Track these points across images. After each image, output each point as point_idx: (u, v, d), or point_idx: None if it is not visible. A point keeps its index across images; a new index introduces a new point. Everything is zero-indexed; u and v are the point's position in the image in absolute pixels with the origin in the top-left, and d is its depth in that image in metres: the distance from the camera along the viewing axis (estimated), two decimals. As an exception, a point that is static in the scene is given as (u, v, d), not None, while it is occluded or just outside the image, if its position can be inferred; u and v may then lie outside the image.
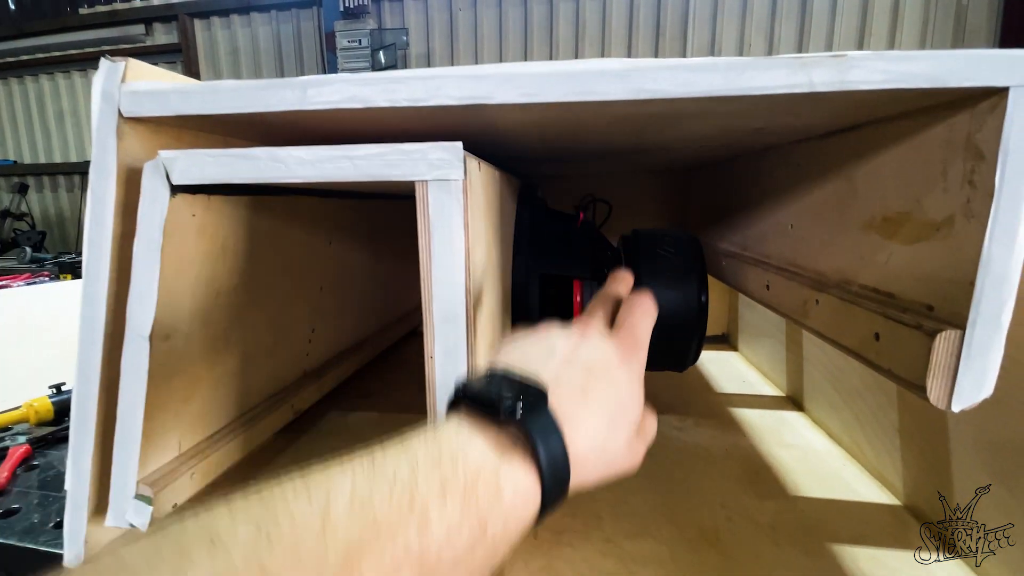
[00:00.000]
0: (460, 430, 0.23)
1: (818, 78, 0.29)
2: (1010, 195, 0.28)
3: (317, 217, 0.61)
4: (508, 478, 0.22)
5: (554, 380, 0.25)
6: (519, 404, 0.23)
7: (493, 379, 0.25)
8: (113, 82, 0.36)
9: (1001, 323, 0.29)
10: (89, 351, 0.40)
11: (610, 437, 0.26)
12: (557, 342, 0.28)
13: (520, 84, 0.31)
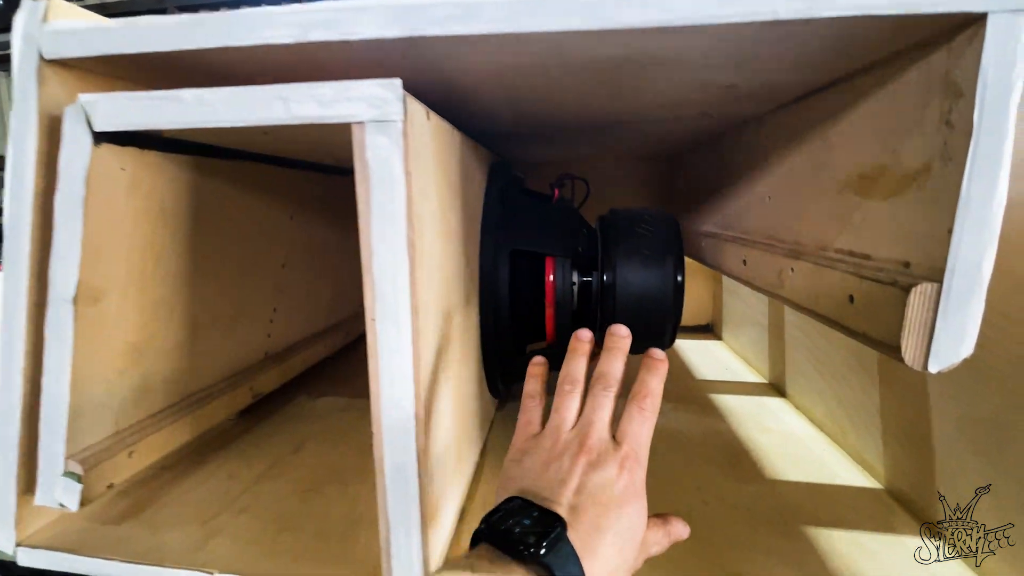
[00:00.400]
0: (493, 568, 0.25)
1: (783, 5, 0.27)
2: (989, 131, 0.26)
3: (275, 187, 0.59)
4: None
5: (570, 511, 0.28)
6: (543, 542, 0.25)
7: (512, 512, 0.27)
8: (34, 22, 0.33)
9: (982, 272, 0.27)
10: (12, 316, 0.37)
11: (621, 564, 0.29)
12: (566, 465, 0.30)
13: (459, 14, 0.29)
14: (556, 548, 0.26)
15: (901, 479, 0.48)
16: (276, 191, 0.59)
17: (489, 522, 0.27)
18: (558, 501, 0.28)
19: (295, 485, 0.51)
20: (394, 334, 0.32)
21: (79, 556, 0.41)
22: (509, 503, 0.28)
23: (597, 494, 0.29)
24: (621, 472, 0.30)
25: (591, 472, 0.30)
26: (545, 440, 0.32)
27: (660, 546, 0.33)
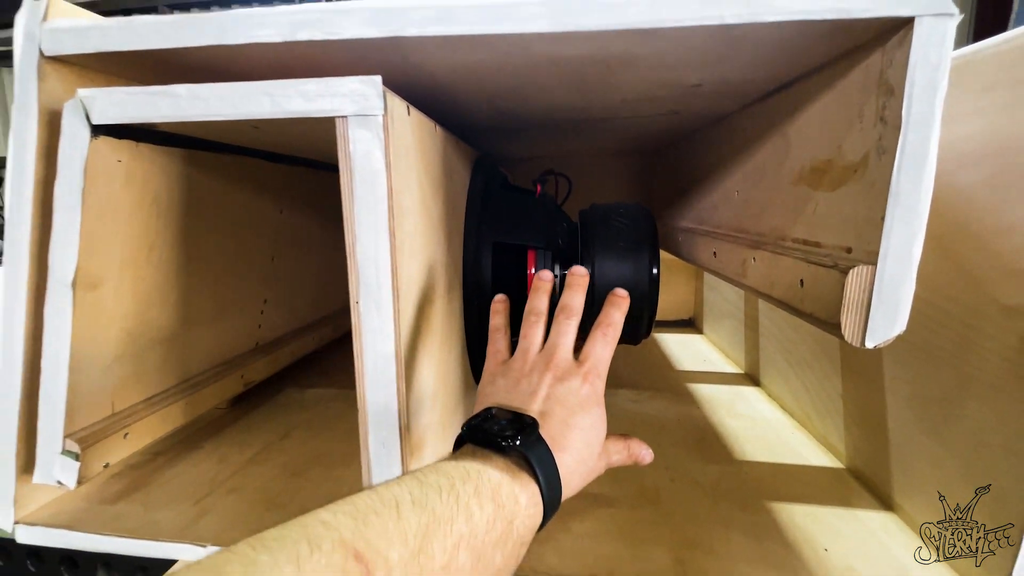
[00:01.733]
0: (475, 458, 0.28)
1: (729, 12, 0.29)
2: (916, 125, 0.28)
3: (266, 182, 0.60)
4: (521, 490, 0.28)
5: (541, 414, 0.32)
6: (518, 436, 0.29)
7: (489, 418, 0.31)
8: (35, 20, 0.35)
9: (912, 255, 0.30)
10: (13, 301, 0.39)
11: (588, 455, 0.33)
12: (535, 379, 0.34)
13: (432, 18, 0.31)
14: (530, 440, 0.29)
15: (860, 458, 0.51)
16: (266, 186, 0.61)
17: (469, 426, 0.31)
18: (529, 408, 0.32)
19: (282, 469, 0.53)
20: (376, 315, 0.35)
21: (76, 532, 0.43)
22: (486, 412, 0.32)
23: (564, 399, 0.33)
24: (584, 383, 0.34)
25: (557, 384, 0.34)
26: (515, 363, 0.36)
27: (620, 456, 0.38)
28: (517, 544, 0.27)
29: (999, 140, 0.36)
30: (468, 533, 0.24)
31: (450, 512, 0.24)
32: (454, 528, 0.23)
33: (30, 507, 0.45)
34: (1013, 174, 0.35)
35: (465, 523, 0.24)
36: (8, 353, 0.40)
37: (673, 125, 0.67)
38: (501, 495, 0.27)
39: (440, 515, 0.23)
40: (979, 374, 0.37)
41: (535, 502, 0.28)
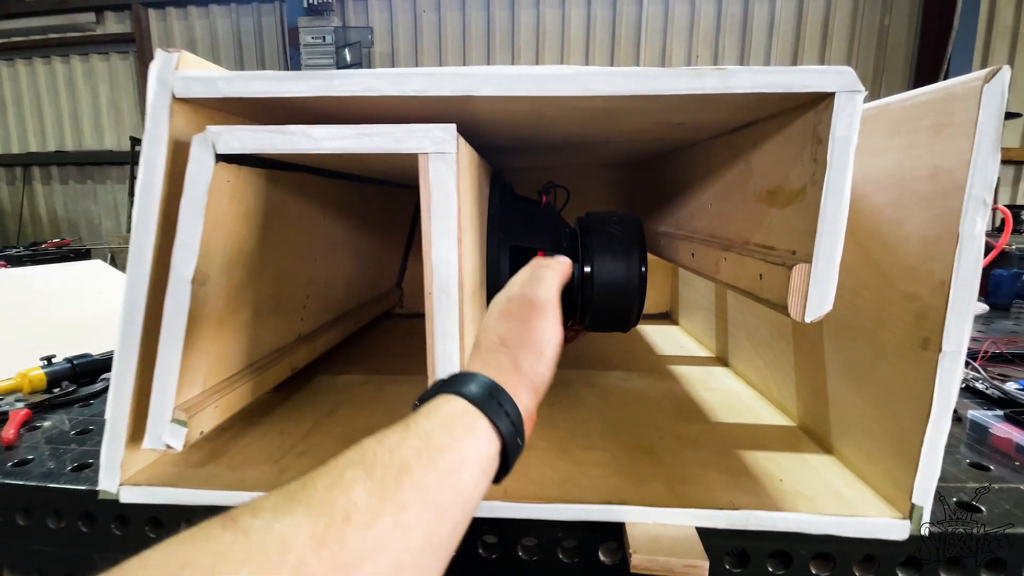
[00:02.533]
0: (442, 403, 0.32)
1: (708, 84, 0.41)
2: (836, 166, 0.41)
3: (316, 193, 0.70)
4: (477, 423, 0.31)
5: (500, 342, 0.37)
6: (472, 387, 0.33)
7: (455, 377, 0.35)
8: (168, 69, 0.44)
9: (834, 257, 0.42)
10: (135, 296, 0.48)
11: (540, 362, 0.37)
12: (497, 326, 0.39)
13: (498, 82, 0.42)
14: (487, 394, 0.33)
15: (808, 417, 0.65)
16: (315, 196, 0.70)
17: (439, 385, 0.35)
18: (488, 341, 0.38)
19: (338, 437, 0.62)
20: (445, 302, 0.45)
21: (180, 489, 0.52)
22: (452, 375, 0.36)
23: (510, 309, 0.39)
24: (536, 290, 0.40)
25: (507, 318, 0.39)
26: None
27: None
28: (477, 472, 0.29)
29: (900, 172, 0.49)
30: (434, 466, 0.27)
31: (418, 453, 0.27)
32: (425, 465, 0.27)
33: (133, 470, 0.54)
34: (910, 197, 0.49)
35: (432, 456, 0.27)
36: (127, 342, 0.49)
37: (657, 148, 0.79)
38: (457, 426, 0.30)
39: (412, 457, 0.27)
40: (888, 343, 0.50)
41: (489, 433, 0.31)
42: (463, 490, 0.28)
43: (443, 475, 0.27)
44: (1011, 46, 3.62)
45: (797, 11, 3.67)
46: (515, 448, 0.33)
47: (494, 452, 0.31)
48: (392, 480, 0.25)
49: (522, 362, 0.36)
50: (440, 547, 0.26)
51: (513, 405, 0.33)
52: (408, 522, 0.24)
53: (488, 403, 0.32)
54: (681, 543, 0.45)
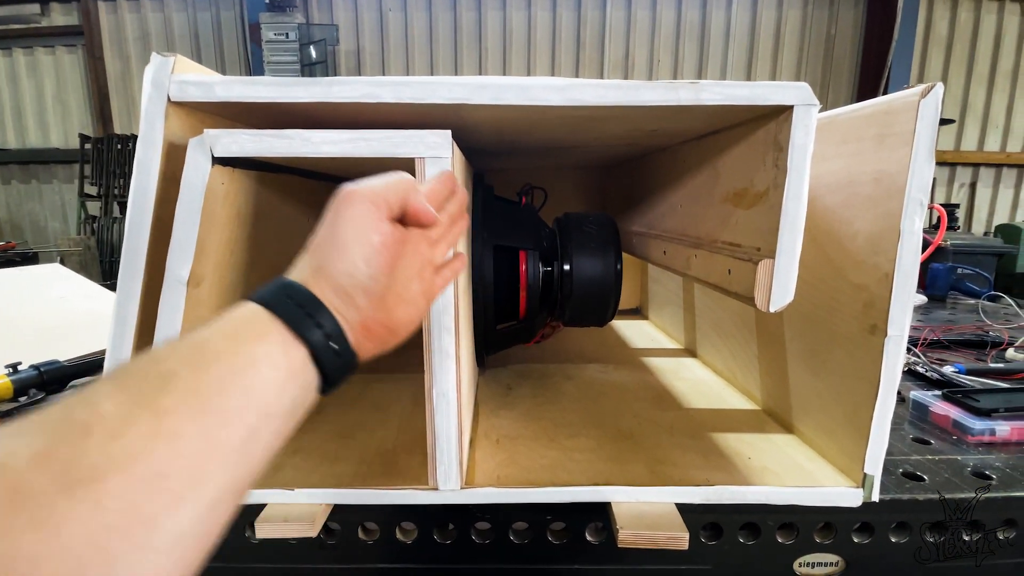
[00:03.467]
0: (229, 312, 0.29)
1: (682, 96, 0.45)
2: (795, 171, 0.46)
3: (303, 195, 0.71)
4: (268, 327, 0.28)
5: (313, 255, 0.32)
6: (264, 291, 0.29)
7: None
8: (164, 72, 0.45)
9: (795, 253, 0.47)
10: (127, 298, 0.48)
11: (343, 260, 0.31)
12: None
13: (491, 91, 0.45)
14: (286, 293, 0.29)
15: (771, 400, 0.70)
16: (301, 198, 0.71)
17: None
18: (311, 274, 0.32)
19: (331, 434, 0.63)
20: (440, 299, 0.47)
21: (172, 488, 0.52)
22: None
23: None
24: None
25: (322, 220, 0.34)
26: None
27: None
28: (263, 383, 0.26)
29: (849, 176, 0.55)
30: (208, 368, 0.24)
31: (188, 359, 0.24)
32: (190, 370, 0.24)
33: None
34: (857, 199, 0.54)
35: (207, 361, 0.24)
36: (119, 345, 0.49)
37: (629, 152, 0.84)
38: (244, 330, 0.27)
39: (182, 364, 0.24)
40: (840, 330, 0.55)
41: (280, 328, 0.28)
42: (256, 394, 0.25)
43: (221, 379, 0.24)
44: (946, 55, 3.90)
45: (751, 20, 3.84)
46: (328, 354, 0.29)
47: (300, 358, 0.28)
48: (153, 389, 0.22)
49: (324, 262, 0.32)
50: (233, 452, 0.24)
51: (321, 307, 0.29)
52: (174, 428, 0.22)
53: (285, 305, 0.28)
54: (663, 518, 0.49)
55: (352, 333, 0.31)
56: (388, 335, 0.34)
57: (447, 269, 0.40)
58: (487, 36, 3.63)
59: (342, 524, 0.54)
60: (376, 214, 0.33)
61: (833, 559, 0.55)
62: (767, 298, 0.48)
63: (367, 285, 0.32)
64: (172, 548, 0.21)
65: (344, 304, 0.31)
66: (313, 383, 0.29)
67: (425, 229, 0.37)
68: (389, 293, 0.33)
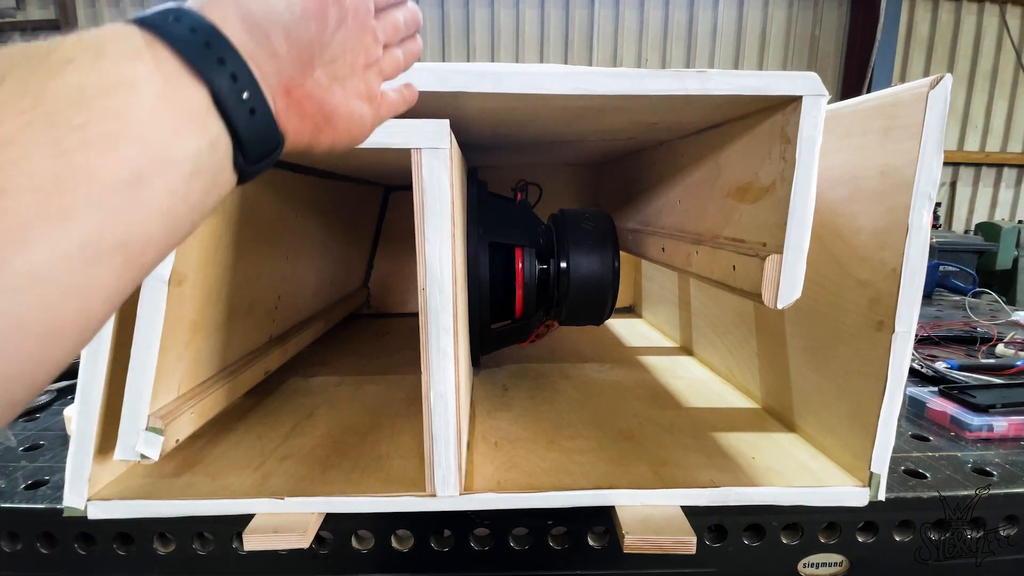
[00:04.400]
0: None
1: (690, 85, 0.44)
2: (803, 164, 0.44)
3: (286, 190, 0.68)
4: (145, 45, 0.20)
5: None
6: (155, 13, 0.22)
7: None
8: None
9: (803, 248, 0.46)
10: (103, 297, 0.45)
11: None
12: None
13: (491, 79, 0.43)
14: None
15: (771, 398, 0.69)
16: (288, 193, 0.68)
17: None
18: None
19: (322, 438, 0.61)
20: (438, 297, 0.45)
21: (154, 501, 0.49)
22: None
23: None
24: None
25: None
26: None
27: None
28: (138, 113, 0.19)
29: (853, 170, 0.54)
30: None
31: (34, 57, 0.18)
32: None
33: (101, 483, 0.51)
34: (862, 193, 0.53)
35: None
36: (96, 345, 0.46)
37: (626, 147, 0.82)
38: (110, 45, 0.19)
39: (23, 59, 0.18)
40: (844, 326, 0.54)
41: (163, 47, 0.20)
42: (136, 123, 0.19)
43: (78, 91, 0.18)
44: (927, 56, 3.96)
45: (737, 20, 3.87)
46: (238, 104, 0.22)
47: (199, 100, 0.21)
48: None
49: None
50: (108, 190, 0.18)
51: (222, 40, 0.22)
52: (7, 135, 0.16)
53: (172, 27, 0.21)
54: (668, 521, 0.47)
55: (270, 90, 0.24)
56: (322, 120, 0.28)
57: (397, 94, 0.33)
58: (475, 33, 3.60)
59: (335, 533, 0.51)
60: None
61: (837, 559, 0.55)
62: (775, 294, 0.47)
63: (289, 24, 0.24)
64: (21, 291, 0.16)
65: (257, 45, 0.23)
66: (224, 144, 0.22)
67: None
68: (321, 60, 0.27)
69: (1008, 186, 4.23)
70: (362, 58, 0.30)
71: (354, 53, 0.29)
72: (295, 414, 0.68)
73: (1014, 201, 4.25)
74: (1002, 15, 3.72)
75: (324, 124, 0.28)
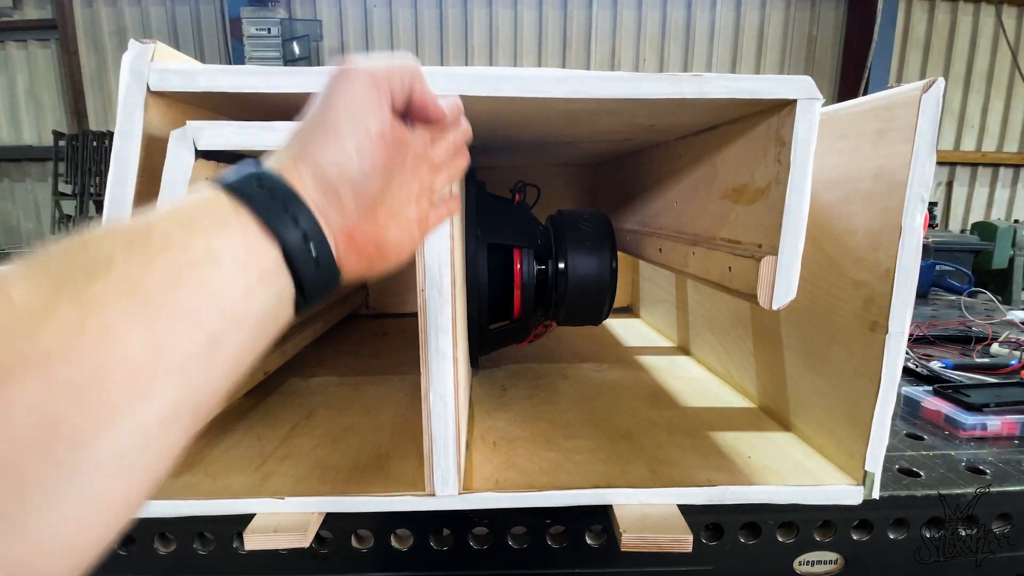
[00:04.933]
0: (188, 194, 0.24)
1: (686, 89, 0.44)
2: (798, 166, 0.45)
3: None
4: (231, 213, 0.23)
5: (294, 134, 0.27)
6: (231, 174, 0.24)
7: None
8: (143, 60, 0.42)
9: (798, 249, 0.46)
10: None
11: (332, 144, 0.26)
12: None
13: (490, 83, 0.43)
14: (255, 172, 0.25)
15: (767, 398, 0.70)
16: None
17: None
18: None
19: (322, 438, 0.61)
20: (438, 298, 0.46)
21: (154, 501, 0.49)
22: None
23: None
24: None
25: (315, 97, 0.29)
26: None
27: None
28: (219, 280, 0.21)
29: (848, 172, 0.55)
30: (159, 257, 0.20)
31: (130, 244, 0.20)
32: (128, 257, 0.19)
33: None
34: (856, 195, 0.54)
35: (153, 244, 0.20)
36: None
37: (623, 148, 0.83)
38: (200, 214, 0.22)
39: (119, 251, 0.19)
40: (840, 327, 0.55)
41: (241, 212, 0.23)
42: (217, 293, 0.21)
43: (172, 270, 0.20)
44: (923, 56, 3.98)
45: (735, 20, 3.88)
46: (306, 258, 0.24)
47: (272, 259, 0.23)
48: (83, 276, 0.18)
49: (309, 146, 0.27)
50: (189, 361, 0.20)
51: (297, 200, 0.24)
52: (107, 325, 0.18)
53: (254, 193, 0.23)
54: (665, 520, 0.48)
55: (335, 239, 0.26)
56: (376, 255, 0.30)
57: (443, 207, 0.36)
58: (473, 34, 3.61)
59: (335, 532, 0.52)
60: (377, 97, 0.28)
61: (832, 557, 0.55)
62: (770, 295, 0.47)
63: (357, 182, 0.27)
64: (107, 471, 0.17)
65: (328, 201, 0.26)
66: (288, 293, 0.24)
67: (430, 128, 0.32)
68: (382, 204, 0.29)
69: (1004, 186, 4.25)
70: (416, 187, 0.33)
71: (410, 186, 0.32)
72: (295, 414, 0.68)
73: (1010, 200, 4.27)
74: (998, 15, 3.75)
75: (378, 257, 0.30)
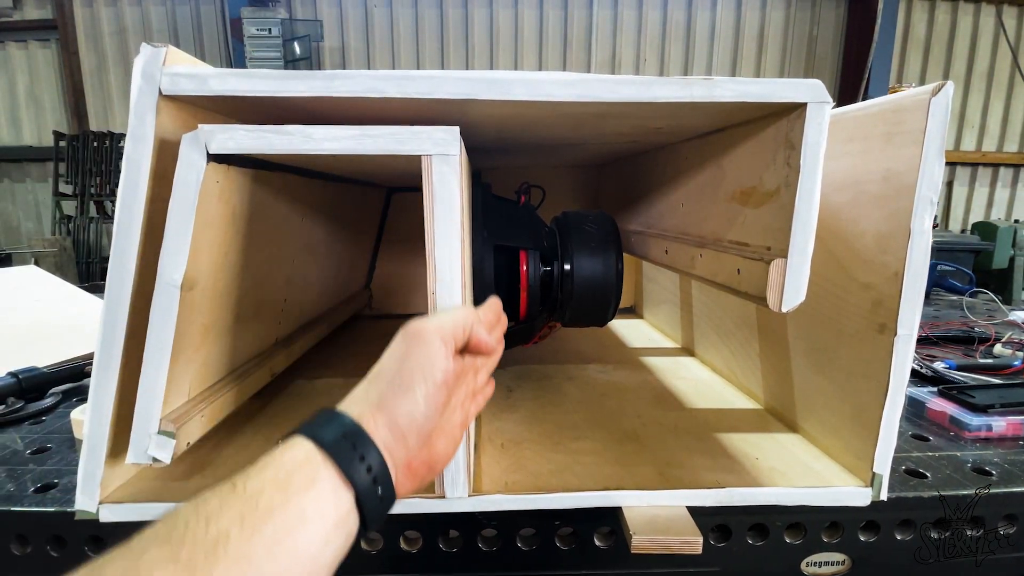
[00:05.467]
0: (285, 449, 0.29)
1: (696, 92, 0.44)
2: (808, 170, 0.45)
3: (297, 194, 0.68)
4: (321, 472, 0.28)
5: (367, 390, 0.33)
6: (326, 428, 0.30)
7: (321, 413, 0.33)
8: (155, 64, 0.42)
9: (807, 252, 0.46)
10: (117, 302, 0.46)
11: (406, 399, 0.32)
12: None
13: (500, 86, 0.43)
14: (342, 434, 0.30)
15: (774, 399, 0.70)
16: (296, 197, 0.68)
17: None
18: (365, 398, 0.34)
19: (328, 440, 0.61)
20: (448, 300, 0.46)
21: (166, 504, 0.50)
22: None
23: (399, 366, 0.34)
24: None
25: (391, 348, 0.36)
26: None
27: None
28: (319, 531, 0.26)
29: (856, 174, 0.55)
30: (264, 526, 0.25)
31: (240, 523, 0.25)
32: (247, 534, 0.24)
33: (106, 491, 0.51)
34: (864, 197, 0.54)
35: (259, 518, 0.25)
36: (108, 351, 0.46)
37: (628, 149, 0.83)
38: (295, 478, 0.27)
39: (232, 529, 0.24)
40: (847, 329, 0.55)
41: (332, 473, 0.28)
42: (303, 553, 0.26)
43: (272, 541, 0.25)
44: (924, 56, 3.99)
45: (735, 20, 3.88)
46: (371, 499, 0.29)
47: (347, 506, 0.28)
48: (204, 557, 0.23)
49: (387, 397, 0.32)
50: None
51: (373, 448, 0.30)
52: None
53: (339, 446, 0.29)
54: (675, 522, 0.48)
55: (396, 471, 0.31)
56: (427, 473, 0.35)
57: (480, 395, 0.41)
58: (473, 34, 3.61)
59: (344, 534, 0.52)
60: (445, 352, 0.34)
61: (840, 558, 0.55)
62: (779, 298, 0.47)
63: (421, 424, 0.32)
64: None
65: (396, 443, 0.31)
66: (354, 530, 0.29)
67: (478, 358, 0.39)
68: (436, 429, 0.34)
69: (1004, 185, 4.25)
70: (465, 400, 0.38)
71: (460, 402, 0.37)
72: (301, 416, 0.67)
73: (1010, 200, 4.28)
74: (998, 16, 3.75)
75: (428, 474, 0.35)
